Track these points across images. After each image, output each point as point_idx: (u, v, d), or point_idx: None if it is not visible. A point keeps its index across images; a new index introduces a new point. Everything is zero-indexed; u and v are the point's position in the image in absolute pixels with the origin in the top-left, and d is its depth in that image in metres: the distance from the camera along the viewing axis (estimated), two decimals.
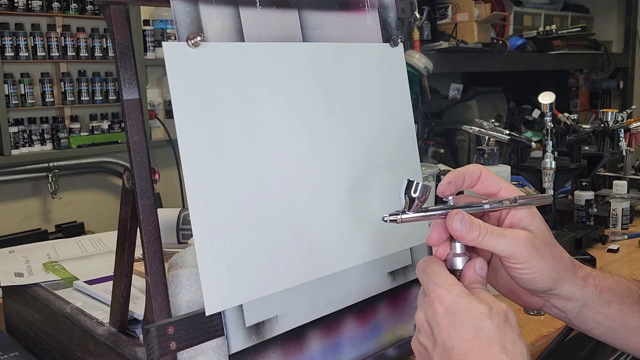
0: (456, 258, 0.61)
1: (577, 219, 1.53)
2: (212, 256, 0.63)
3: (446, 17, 3.60)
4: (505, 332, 0.54)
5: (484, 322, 0.54)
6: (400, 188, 0.59)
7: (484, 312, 0.54)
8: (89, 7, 3.03)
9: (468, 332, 0.54)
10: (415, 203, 0.59)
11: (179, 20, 0.63)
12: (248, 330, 0.66)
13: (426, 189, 0.58)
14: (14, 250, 1.09)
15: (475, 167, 0.65)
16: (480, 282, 0.60)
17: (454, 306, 0.55)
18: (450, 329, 0.55)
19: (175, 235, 1.17)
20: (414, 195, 0.58)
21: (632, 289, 0.66)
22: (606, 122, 1.56)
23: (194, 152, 0.63)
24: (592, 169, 1.62)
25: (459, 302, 0.55)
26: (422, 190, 0.58)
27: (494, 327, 0.54)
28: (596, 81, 5.13)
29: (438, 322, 0.56)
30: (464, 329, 0.54)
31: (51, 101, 2.96)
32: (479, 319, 0.54)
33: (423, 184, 0.58)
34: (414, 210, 0.60)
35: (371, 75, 0.81)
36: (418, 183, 0.58)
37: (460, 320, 0.54)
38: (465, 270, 0.61)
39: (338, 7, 0.79)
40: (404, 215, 0.60)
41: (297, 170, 0.71)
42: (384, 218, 0.60)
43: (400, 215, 0.60)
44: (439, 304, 0.56)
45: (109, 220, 3.04)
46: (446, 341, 0.54)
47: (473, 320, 0.54)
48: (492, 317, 0.54)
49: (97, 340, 0.72)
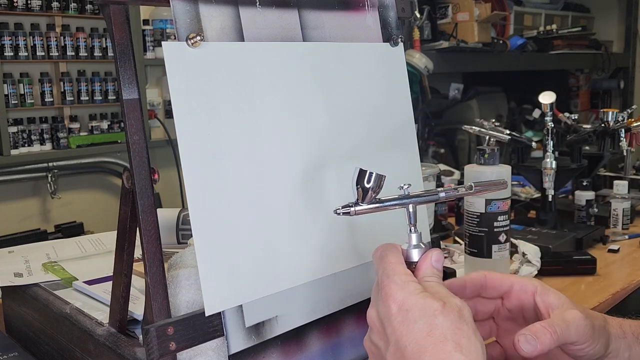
0: (412, 250, 0.59)
1: (577, 219, 1.53)
2: (212, 256, 0.63)
3: (446, 16, 3.60)
4: (459, 329, 0.52)
5: (437, 319, 0.52)
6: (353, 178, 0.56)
7: (437, 309, 0.53)
8: (89, 7, 3.02)
9: (421, 330, 0.52)
10: (369, 194, 0.56)
11: (178, 19, 0.63)
12: (248, 330, 0.66)
13: (380, 178, 0.56)
14: (13, 251, 1.09)
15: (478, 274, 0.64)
16: (435, 275, 0.58)
17: (407, 303, 0.54)
18: (402, 327, 0.53)
19: (175, 236, 1.17)
20: (367, 185, 0.56)
21: None
22: (607, 122, 1.55)
23: (193, 152, 0.63)
24: (593, 169, 1.62)
25: (411, 299, 0.54)
26: (376, 180, 0.55)
27: (448, 324, 0.52)
28: (597, 81, 5.13)
29: (391, 320, 0.54)
30: (417, 327, 0.52)
31: (50, 101, 2.96)
32: (432, 316, 0.52)
33: (377, 173, 0.55)
34: (368, 202, 0.57)
35: (371, 75, 0.81)
36: (371, 173, 0.55)
37: (413, 318, 0.53)
38: (421, 263, 0.59)
39: (338, 6, 0.78)
40: (358, 207, 0.57)
41: (297, 170, 0.71)
42: (336, 211, 0.58)
43: (353, 207, 0.57)
44: (392, 301, 0.54)
45: (108, 221, 3.04)
46: (399, 340, 0.53)
47: (426, 317, 0.52)
48: (445, 314, 0.52)
49: (97, 340, 0.72)
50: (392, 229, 0.73)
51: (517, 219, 1.51)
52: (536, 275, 1.16)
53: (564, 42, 4.33)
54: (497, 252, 1.08)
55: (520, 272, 1.15)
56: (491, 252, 1.08)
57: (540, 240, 1.30)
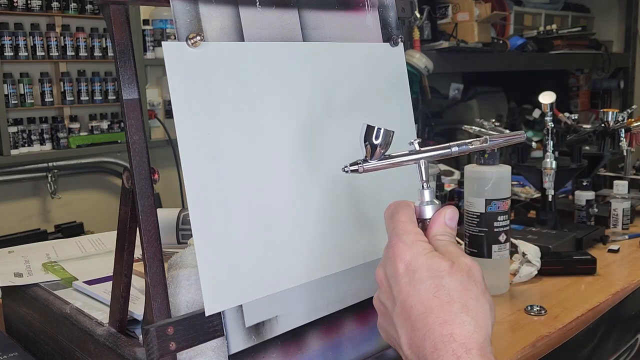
0: (425, 207, 0.57)
1: (577, 219, 1.53)
2: (212, 256, 0.63)
3: (446, 16, 3.60)
4: (467, 289, 0.51)
5: (445, 280, 0.51)
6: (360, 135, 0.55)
7: (445, 269, 0.52)
8: (89, 7, 3.02)
9: (428, 290, 0.51)
10: (377, 150, 0.55)
11: (178, 19, 0.63)
12: (248, 330, 0.66)
13: (388, 134, 0.55)
14: (13, 251, 1.09)
15: None
16: (447, 234, 0.56)
17: (414, 264, 0.53)
18: (409, 288, 0.52)
19: (175, 236, 1.17)
20: (376, 142, 0.55)
21: None
22: (607, 122, 1.55)
23: (193, 152, 0.63)
24: (593, 169, 1.62)
25: (419, 259, 0.53)
26: (385, 136, 0.54)
27: (455, 284, 0.51)
28: (597, 81, 5.13)
29: (397, 280, 0.53)
30: (424, 288, 0.51)
31: (50, 101, 2.96)
32: (439, 277, 0.51)
33: (385, 129, 0.54)
34: (377, 158, 0.56)
35: (371, 75, 0.81)
36: (379, 128, 0.54)
37: (420, 279, 0.52)
38: (434, 220, 0.57)
39: (338, 6, 0.78)
40: (366, 164, 0.56)
41: (296, 170, 0.71)
42: (344, 169, 0.56)
43: (362, 164, 0.56)
44: (399, 261, 0.54)
45: (108, 221, 3.04)
46: (405, 301, 0.52)
47: (433, 278, 0.51)
48: (453, 274, 0.51)
49: (97, 340, 0.72)
50: None
51: (517, 219, 1.51)
52: (536, 275, 1.16)
53: (564, 42, 4.33)
54: (497, 252, 1.08)
55: (520, 272, 1.15)
56: (491, 252, 1.08)
57: (540, 240, 1.30)
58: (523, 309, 1.04)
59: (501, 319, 1.02)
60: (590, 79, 5.17)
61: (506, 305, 1.07)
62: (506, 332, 0.98)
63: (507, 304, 1.07)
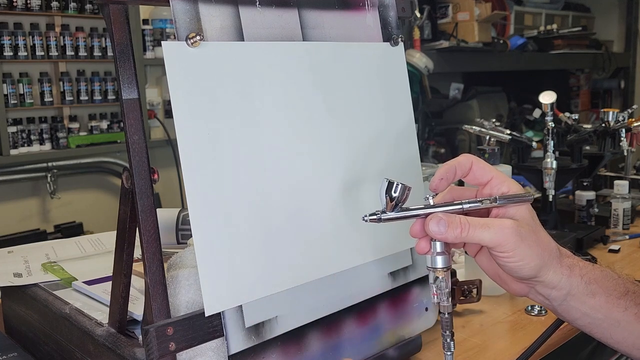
0: (437, 257, 0.62)
1: (578, 219, 1.53)
2: (212, 256, 0.63)
3: (447, 16, 3.60)
4: None
5: None
6: (381, 189, 0.61)
7: None
8: (88, 7, 3.02)
9: None
10: (395, 203, 0.60)
11: (178, 19, 0.63)
12: (248, 331, 0.66)
13: (406, 189, 0.60)
14: (12, 251, 1.09)
15: (466, 158, 0.66)
16: None
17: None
18: None
19: (175, 236, 1.17)
20: (395, 195, 0.60)
21: (619, 282, 0.65)
22: (607, 121, 1.55)
23: (193, 152, 0.63)
24: (593, 169, 1.61)
25: None
26: (402, 191, 0.60)
27: None
28: (597, 81, 5.13)
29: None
30: None
31: (50, 101, 2.96)
32: None
33: (403, 184, 0.60)
34: (395, 211, 0.61)
35: (371, 75, 0.81)
36: (398, 184, 0.60)
37: None
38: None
39: (338, 6, 0.78)
40: (384, 215, 0.61)
41: (296, 170, 0.71)
42: (364, 218, 0.62)
43: (380, 215, 0.61)
44: None
45: (108, 221, 3.04)
46: None
47: None
48: None
49: (96, 340, 0.72)
50: (393, 227, 0.73)
51: None
52: None
53: (564, 41, 4.33)
54: None
55: None
56: None
57: None
58: (523, 309, 1.04)
59: (501, 319, 1.02)
60: (591, 78, 5.18)
61: (506, 305, 1.07)
62: (506, 332, 0.98)
63: (508, 304, 1.07)
